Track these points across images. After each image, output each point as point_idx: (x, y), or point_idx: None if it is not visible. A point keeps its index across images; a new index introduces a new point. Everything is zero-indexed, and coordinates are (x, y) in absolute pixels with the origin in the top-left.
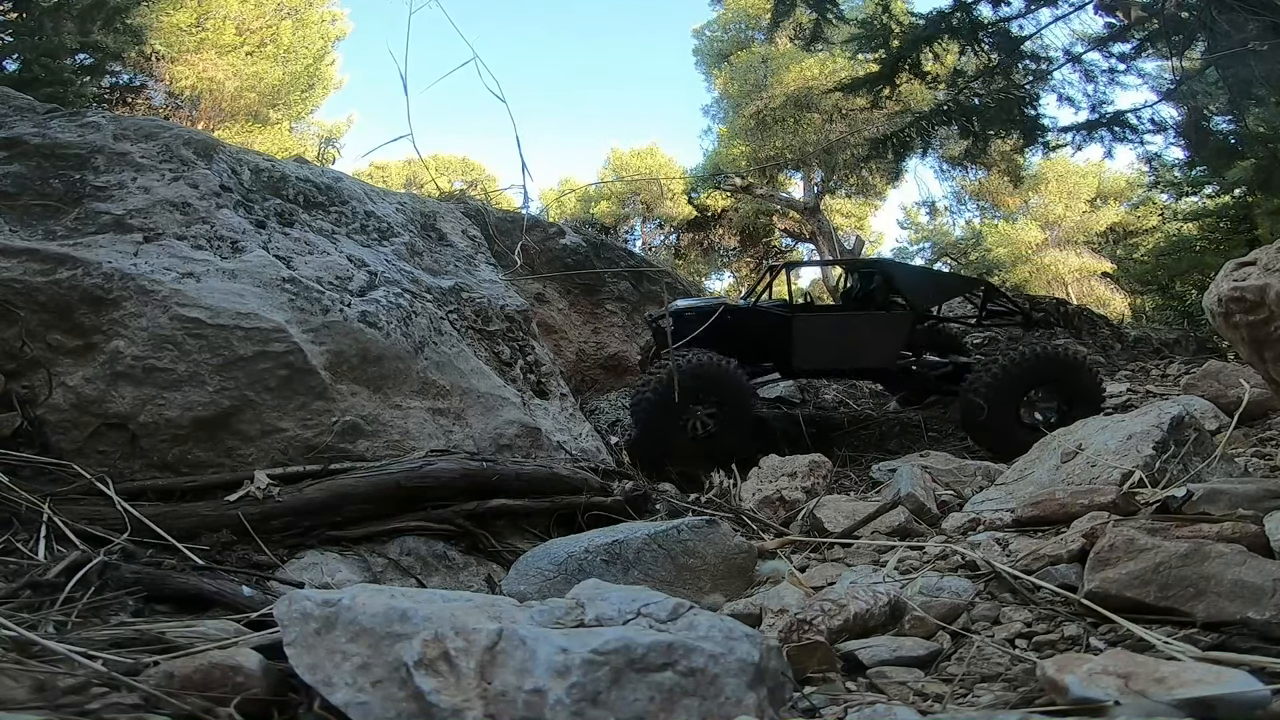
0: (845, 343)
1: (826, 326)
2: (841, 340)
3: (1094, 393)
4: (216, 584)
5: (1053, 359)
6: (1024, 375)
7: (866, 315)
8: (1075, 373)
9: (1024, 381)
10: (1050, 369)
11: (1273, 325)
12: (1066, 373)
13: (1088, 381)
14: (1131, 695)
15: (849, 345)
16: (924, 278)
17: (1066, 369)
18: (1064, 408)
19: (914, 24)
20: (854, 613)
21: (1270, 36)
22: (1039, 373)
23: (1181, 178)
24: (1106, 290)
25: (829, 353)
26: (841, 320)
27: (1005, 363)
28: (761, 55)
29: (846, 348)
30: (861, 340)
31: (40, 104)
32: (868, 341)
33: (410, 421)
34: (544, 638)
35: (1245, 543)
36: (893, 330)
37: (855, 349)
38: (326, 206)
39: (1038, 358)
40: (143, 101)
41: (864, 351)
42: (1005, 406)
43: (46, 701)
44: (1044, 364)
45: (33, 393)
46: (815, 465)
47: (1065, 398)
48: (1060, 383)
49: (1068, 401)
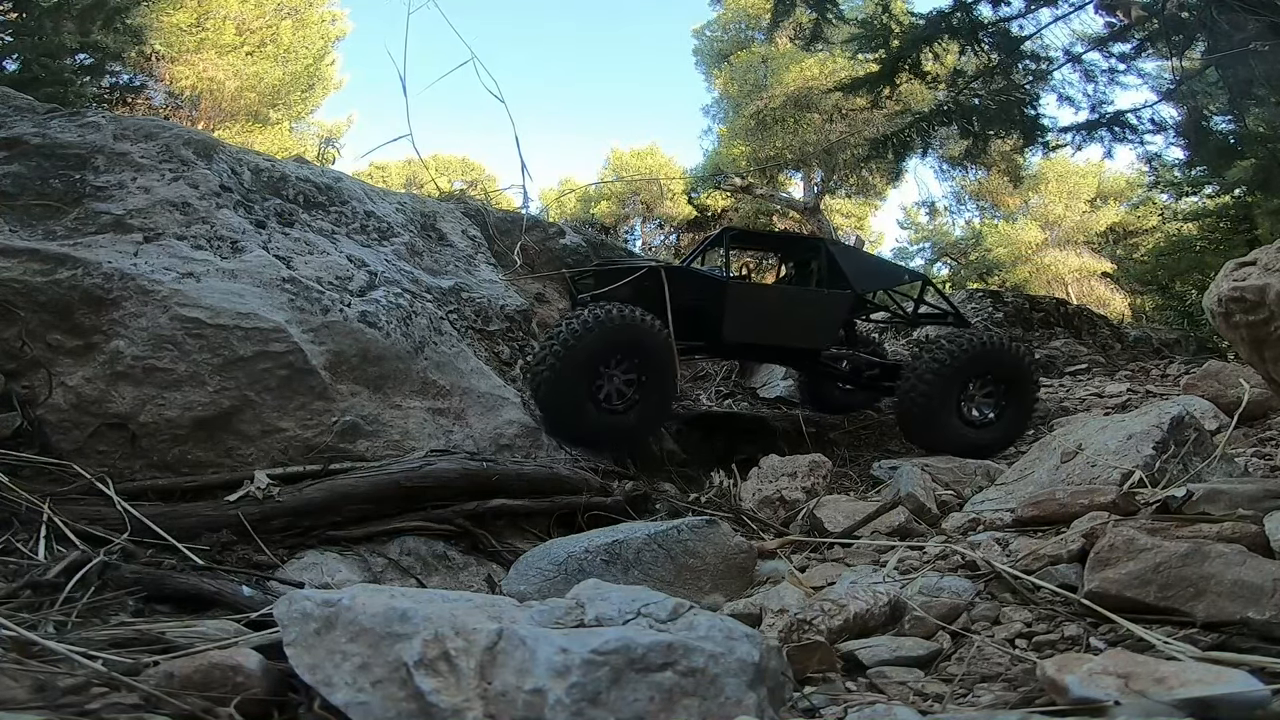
0: (781, 317)
1: (763, 296)
2: (778, 313)
3: (1031, 388)
4: (216, 584)
5: (993, 351)
6: (964, 368)
7: (806, 290)
8: (1014, 366)
9: (964, 374)
10: (989, 361)
11: (1273, 325)
12: (1005, 366)
13: (1025, 375)
14: (1131, 695)
15: (785, 320)
16: (866, 262)
17: (1005, 362)
18: (1002, 403)
19: (914, 24)
20: (854, 613)
21: (1270, 36)
22: (979, 365)
23: (1181, 178)
24: (1106, 290)
25: (763, 326)
26: (780, 292)
27: (945, 355)
28: (761, 55)
29: (782, 323)
30: (798, 316)
31: (40, 104)
32: (805, 319)
33: (410, 421)
34: (544, 638)
35: (1245, 543)
36: (832, 309)
37: (791, 325)
38: (326, 206)
39: (978, 349)
40: (143, 101)
41: (800, 329)
42: (945, 401)
43: (46, 701)
44: (984, 356)
45: (33, 393)
46: (815, 465)
47: (1004, 392)
48: (999, 376)
49: (1006, 396)
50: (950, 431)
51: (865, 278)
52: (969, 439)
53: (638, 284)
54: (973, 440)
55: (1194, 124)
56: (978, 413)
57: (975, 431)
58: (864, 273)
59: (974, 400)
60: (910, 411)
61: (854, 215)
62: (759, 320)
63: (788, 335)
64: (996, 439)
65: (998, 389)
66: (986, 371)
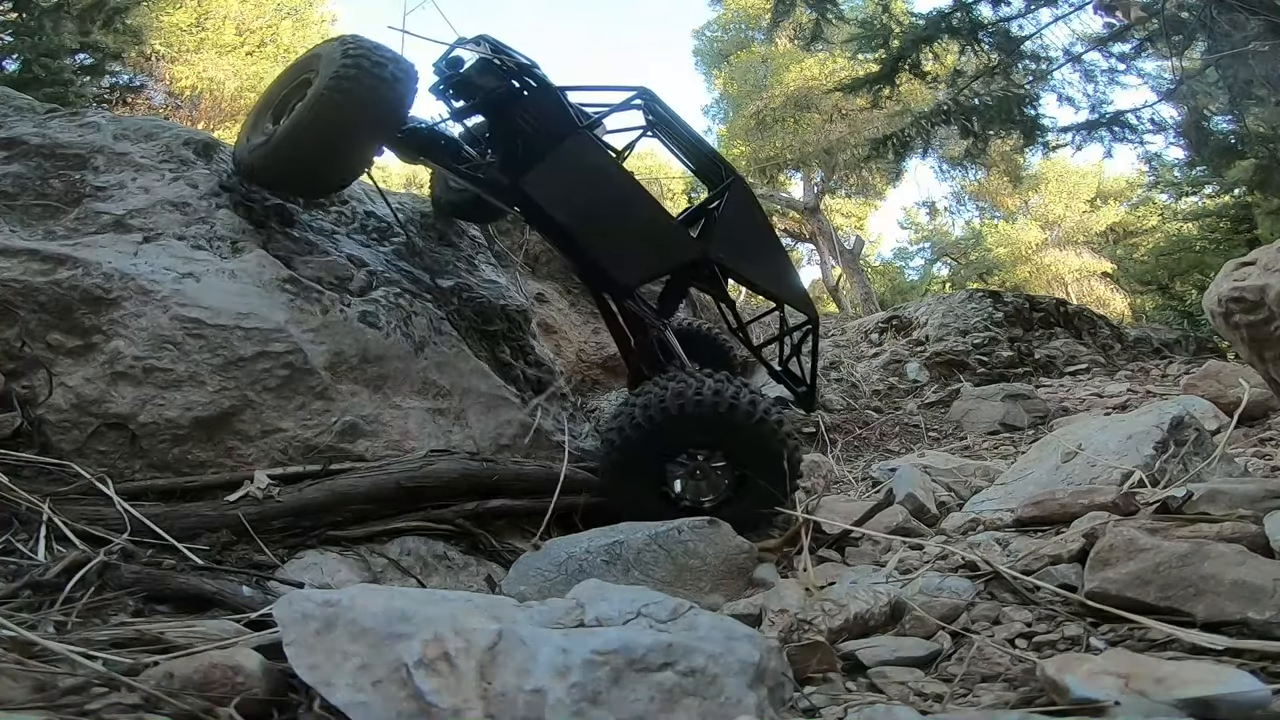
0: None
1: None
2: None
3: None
4: (216, 584)
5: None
6: (667, 428)
7: (645, 196)
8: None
9: (667, 438)
10: (707, 425)
11: (1273, 325)
12: (733, 432)
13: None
14: (1131, 695)
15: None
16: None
17: (733, 427)
18: (728, 481)
19: (914, 24)
20: (854, 613)
21: (1270, 36)
22: (691, 428)
23: (1181, 178)
24: (1106, 290)
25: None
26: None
27: (640, 411)
28: (761, 55)
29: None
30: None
31: (40, 104)
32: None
33: (410, 421)
34: (544, 638)
35: (1245, 543)
36: (659, 241)
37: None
38: (326, 206)
39: (691, 406)
40: (143, 101)
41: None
42: (640, 471)
43: (46, 701)
44: (698, 417)
45: (33, 393)
46: (815, 465)
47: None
48: (726, 447)
49: (737, 472)
50: (645, 506)
51: (734, 246)
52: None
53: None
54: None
55: (1194, 124)
56: (690, 493)
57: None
58: (739, 243)
59: (687, 476)
60: (601, 471)
61: (854, 215)
62: (572, 194)
63: (591, 234)
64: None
65: (724, 462)
66: (705, 438)
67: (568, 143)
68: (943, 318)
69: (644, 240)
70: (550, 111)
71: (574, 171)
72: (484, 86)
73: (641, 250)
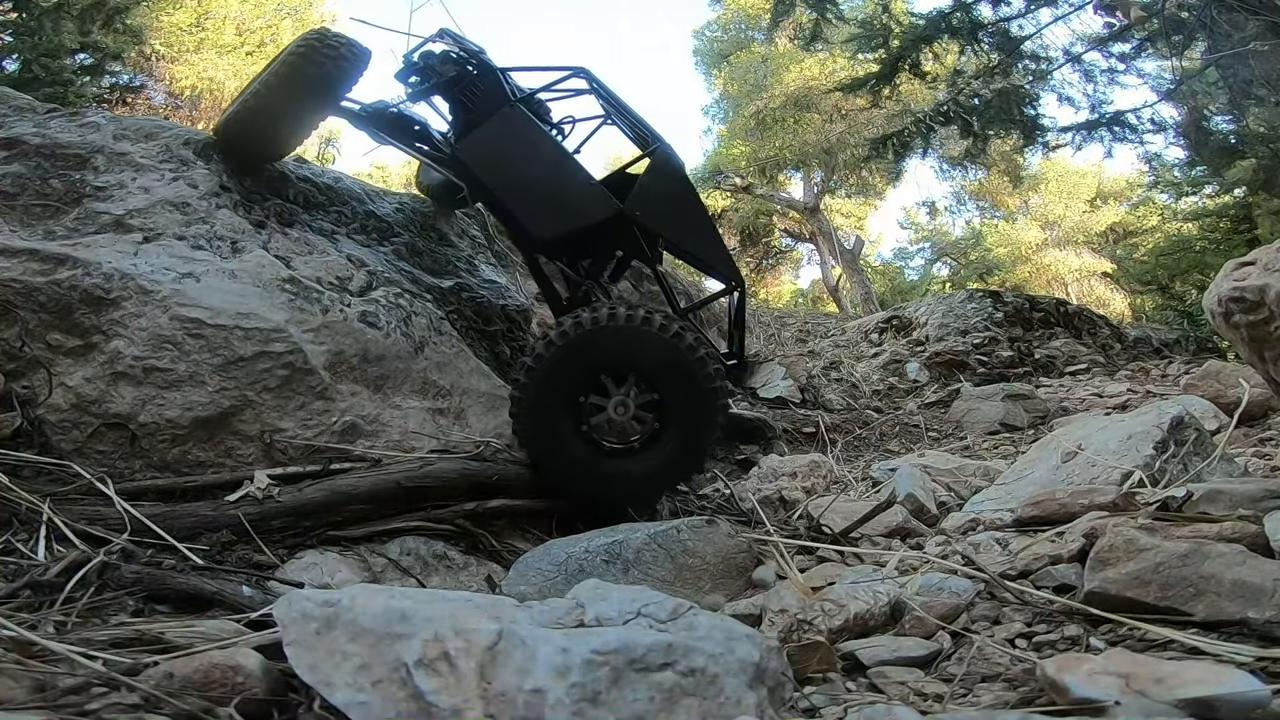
0: (518, 167)
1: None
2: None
3: (704, 396)
4: (216, 584)
5: (630, 334)
6: (581, 355)
7: (561, 154)
8: (669, 359)
9: (582, 366)
10: (624, 350)
11: (1273, 325)
12: (653, 358)
13: (690, 374)
14: (1131, 695)
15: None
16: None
17: (652, 352)
18: (656, 420)
19: (914, 24)
20: (854, 613)
21: (1270, 36)
22: (607, 354)
23: (1181, 178)
24: (1106, 290)
25: (499, 166)
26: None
27: (556, 336)
28: (761, 55)
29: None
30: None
31: (40, 104)
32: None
33: (410, 421)
34: (544, 638)
35: (1245, 543)
36: (573, 196)
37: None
38: (326, 206)
39: (605, 329)
40: (143, 101)
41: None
42: (556, 409)
43: (46, 701)
44: (615, 341)
45: (33, 393)
46: (815, 465)
47: (657, 403)
48: (647, 375)
49: (661, 409)
50: (568, 459)
51: (647, 204)
52: (602, 474)
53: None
54: (608, 475)
55: (1194, 124)
56: (612, 432)
57: (611, 463)
58: (661, 206)
59: (606, 411)
60: (513, 417)
61: (854, 215)
62: (499, 157)
63: (514, 192)
64: (646, 475)
65: (646, 397)
66: (624, 365)
67: (500, 113)
68: (943, 318)
69: (561, 197)
70: (489, 88)
71: (502, 138)
72: (437, 71)
73: (558, 206)
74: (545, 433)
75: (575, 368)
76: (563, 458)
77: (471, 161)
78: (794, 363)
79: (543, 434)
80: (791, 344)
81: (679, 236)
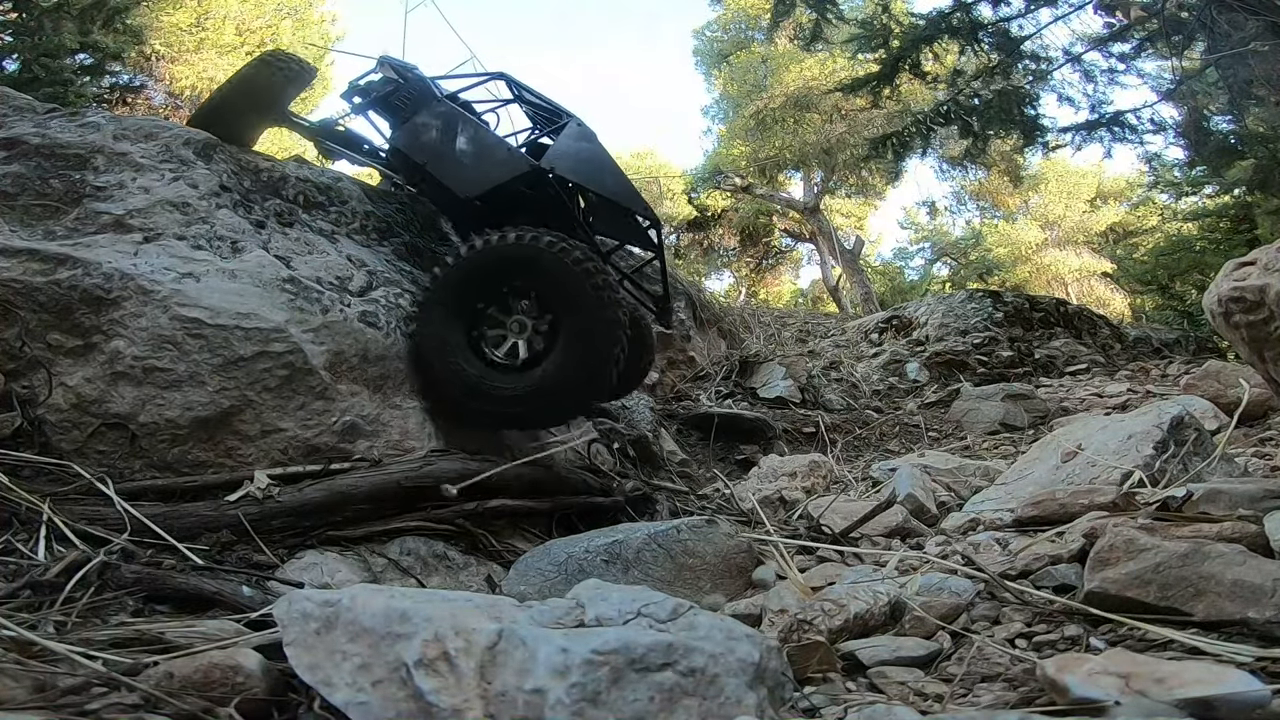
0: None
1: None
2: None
3: (591, 307)
4: (216, 584)
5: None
6: (474, 275)
7: (471, 124)
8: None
9: (475, 285)
10: (512, 267)
11: (1273, 325)
12: (541, 273)
13: (574, 286)
14: (1131, 695)
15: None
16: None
17: (540, 267)
18: (547, 334)
19: (914, 24)
20: (854, 613)
21: (1270, 36)
22: (496, 273)
23: (1181, 178)
24: (1106, 290)
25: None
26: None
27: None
28: (761, 55)
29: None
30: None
31: (40, 104)
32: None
33: (410, 421)
34: (544, 638)
35: (1245, 543)
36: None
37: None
38: (326, 206)
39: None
40: (143, 101)
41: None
42: (451, 328)
43: (46, 701)
44: (502, 260)
45: (33, 393)
46: (815, 465)
47: (551, 320)
48: (540, 292)
49: (553, 324)
50: (465, 378)
51: (560, 158)
52: (495, 389)
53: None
54: (501, 391)
55: (1194, 124)
56: (502, 347)
57: (504, 377)
58: (575, 159)
59: (507, 329)
60: (418, 334)
61: (854, 215)
62: (425, 139)
63: (439, 164)
64: (536, 389)
65: (539, 312)
66: (518, 283)
67: (426, 107)
68: (943, 318)
69: (481, 162)
70: (419, 93)
71: (428, 124)
72: (375, 89)
73: (479, 169)
74: (442, 345)
75: (473, 286)
76: (456, 369)
77: (405, 147)
78: (794, 363)
79: (440, 347)
80: (791, 344)
81: (592, 182)
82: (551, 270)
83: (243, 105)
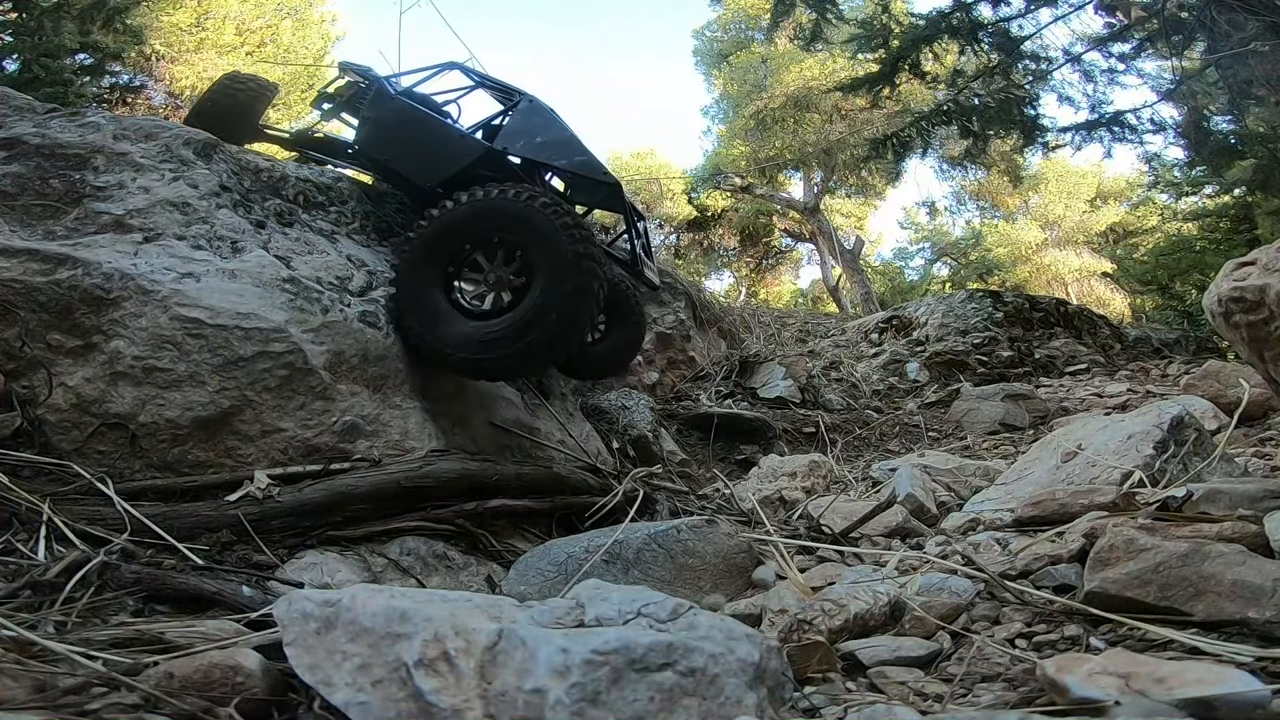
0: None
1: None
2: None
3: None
4: (216, 584)
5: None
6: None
7: (424, 115)
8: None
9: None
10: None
11: (1273, 325)
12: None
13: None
14: (1131, 695)
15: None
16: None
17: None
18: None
19: (914, 24)
20: (854, 613)
21: (1270, 36)
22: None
23: (1181, 178)
24: (1106, 290)
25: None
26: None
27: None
28: (761, 55)
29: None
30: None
31: (40, 104)
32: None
33: (410, 421)
34: (544, 638)
35: (1245, 543)
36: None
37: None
38: (326, 206)
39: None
40: (143, 101)
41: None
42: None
43: (46, 701)
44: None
45: (33, 393)
46: (815, 465)
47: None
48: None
49: (526, 273)
50: (448, 327)
51: (513, 137)
52: (471, 336)
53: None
54: (475, 336)
55: (1194, 124)
56: (475, 295)
57: (478, 325)
58: (529, 136)
59: (484, 280)
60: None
61: (854, 215)
62: (384, 135)
63: (399, 157)
64: (507, 333)
65: (510, 262)
66: (491, 235)
67: (381, 105)
68: (943, 318)
69: (437, 150)
70: (375, 94)
71: (385, 121)
72: (340, 95)
73: (436, 157)
74: (419, 296)
75: (455, 237)
76: (430, 318)
77: (365, 146)
78: (794, 363)
79: (417, 295)
80: (791, 344)
81: (543, 155)
82: (522, 220)
83: (213, 127)
